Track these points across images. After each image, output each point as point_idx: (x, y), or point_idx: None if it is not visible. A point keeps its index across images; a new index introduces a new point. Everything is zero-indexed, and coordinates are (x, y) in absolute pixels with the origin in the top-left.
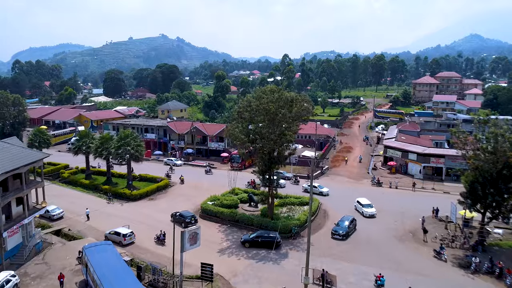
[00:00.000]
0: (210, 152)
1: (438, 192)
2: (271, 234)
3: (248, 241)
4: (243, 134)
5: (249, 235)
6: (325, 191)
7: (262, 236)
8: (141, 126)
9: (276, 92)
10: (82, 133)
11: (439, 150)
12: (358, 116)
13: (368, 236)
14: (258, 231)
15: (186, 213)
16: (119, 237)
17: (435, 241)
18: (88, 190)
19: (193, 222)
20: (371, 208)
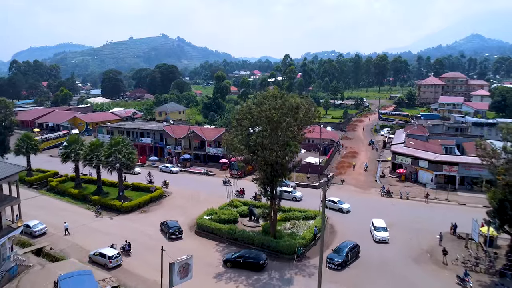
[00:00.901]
0: (208, 158)
1: (453, 204)
2: (256, 254)
3: (230, 260)
4: (242, 144)
5: (232, 254)
6: (346, 207)
7: (245, 257)
8: (136, 130)
9: (278, 98)
10: (71, 139)
11: (452, 157)
12: (362, 118)
13: (381, 256)
14: (242, 251)
15: (172, 223)
16: (104, 259)
17: (456, 264)
18: (77, 201)
19: (177, 234)
20: (383, 232)
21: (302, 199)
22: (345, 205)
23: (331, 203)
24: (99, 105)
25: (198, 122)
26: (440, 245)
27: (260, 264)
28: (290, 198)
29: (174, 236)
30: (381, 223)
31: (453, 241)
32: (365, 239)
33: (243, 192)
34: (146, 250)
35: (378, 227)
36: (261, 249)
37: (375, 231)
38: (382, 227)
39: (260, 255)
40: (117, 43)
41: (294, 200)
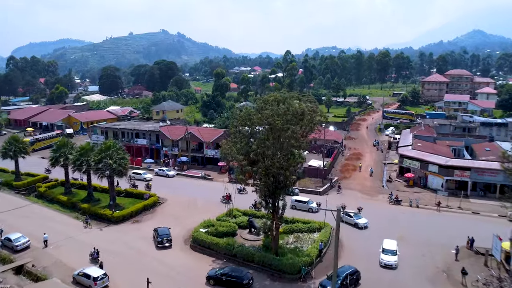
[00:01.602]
0: (206, 160)
1: (466, 212)
2: (240, 273)
3: (212, 277)
4: (241, 154)
5: (216, 270)
6: (363, 223)
7: (228, 275)
8: (132, 130)
9: (281, 102)
10: (60, 142)
11: (465, 161)
12: (365, 116)
13: (391, 278)
14: (226, 268)
15: (162, 230)
16: (88, 280)
17: (477, 285)
18: (65, 209)
19: (165, 242)
20: (391, 255)
21: (318, 211)
22: (361, 220)
23: (347, 217)
24: (96, 103)
25: (197, 121)
26: (456, 260)
27: (244, 284)
28: (305, 209)
29: (162, 245)
30: (391, 245)
31: (470, 257)
32: (374, 256)
33: (229, 198)
34: (135, 267)
35: (386, 249)
36: (262, 268)
37: (382, 253)
38: (391, 250)
39: (245, 275)
40: (117, 38)
41: (310, 212)
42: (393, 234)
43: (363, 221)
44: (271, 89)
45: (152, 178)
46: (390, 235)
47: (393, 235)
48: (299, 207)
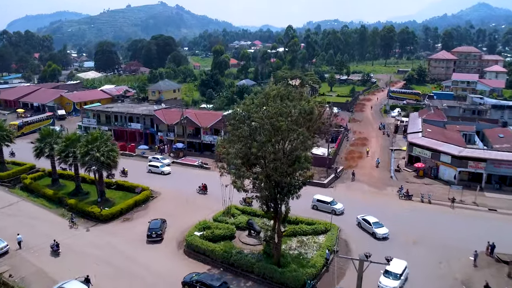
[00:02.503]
0: (203, 147)
1: (482, 209)
2: (215, 282)
3: (187, 283)
4: (239, 158)
5: (192, 275)
6: (339, 207)
7: (202, 283)
8: (124, 114)
9: (285, 98)
10: (45, 132)
11: (480, 152)
12: (370, 96)
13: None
14: (203, 274)
15: (154, 223)
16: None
17: None
18: (51, 205)
19: (154, 237)
20: (393, 280)
21: (344, 213)
22: (337, 206)
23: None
24: (90, 81)
25: (195, 100)
26: (475, 266)
27: None
28: (328, 210)
29: (151, 239)
30: (397, 267)
31: (490, 266)
32: None
33: (205, 188)
34: (122, 278)
35: (389, 272)
36: (263, 280)
37: (383, 275)
38: (394, 274)
39: (221, 284)
40: (114, 11)
41: (333, 214)
42: (407, 238)
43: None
44: (272, 65)
45: (170, 171)
46: (404, 240)
47: (407, 240)
48: (320, 208)
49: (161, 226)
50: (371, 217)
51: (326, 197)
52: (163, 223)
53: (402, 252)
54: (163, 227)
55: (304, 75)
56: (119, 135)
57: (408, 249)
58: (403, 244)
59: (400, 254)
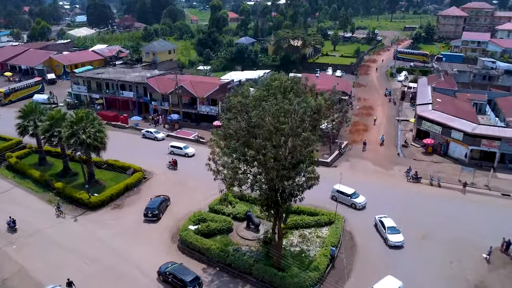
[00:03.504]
0: (200, 117)
1: (495, 194)
2: (186, 276)
3: (161, 274)
4: (235, 157)
5: (168, 265)
6: (361, 201)
7: (174, 275)
8: (116, 81)
9: (288, 91)
10: (27, 108)
11: (495, 130)
12: (375, 56)
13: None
14: (176, 266)
15: (153, 202)
16: None
17: None
18: (38, 188)
19: (150, 216)
20: None
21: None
22: (359, 199)
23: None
24: (82, 40)
25: (191, 61)
26: (488, 263)
27: None
28: (347, 204)
29: (147, 218)
30: (390, 285)
31: (506, 265)
32: (390, 259)
33: (175, 164)
34: (111, 279)
35: None
36: (262, 283)
37: None
38: None
39: (191, 281)
40: None
41: (353, 207)
42: (415, 230)
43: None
44: (273, 20)
45: (195, 153)
46: (413, 234)
47: (416, 233)
48: (340, 200)
49: (160, 205)
50: (388, 220)
51: (347, 188)
52: (163, 201)
53: (410, 249)
54: (161, 207)
55: (306, 35)
56: (111, 103)
57: (416, 244)
58: (411, 238)
59: (408, 252)
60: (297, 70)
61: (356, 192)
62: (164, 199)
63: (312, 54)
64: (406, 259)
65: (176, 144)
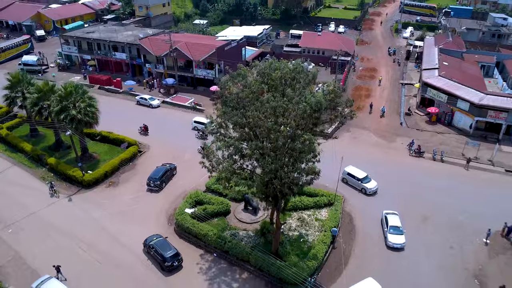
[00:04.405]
0: (197, 81)
1: (498, 171)
2: (165, 252)
3: (146, 246)
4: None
5: (152, 239)
6: (372, 187)
7: (156, 250)
8: (107, 42)
9: (289, 83)
10: (14, 78)
11: (503, 101)
12: (380, 9)
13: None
14: (159, 240)
15: (156, 172)
16: None
17: None
18: (31, 163)
19: (152, 186)
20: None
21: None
22: (370, 184)
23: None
24: None
25: (187, 14)
26: (486, 244)
27: (164, 265)
28: (358, 188)
29: (149, 187)
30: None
31: (506, 251)
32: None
33: (146, 129)
34: (106, 267)
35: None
36: (260, 272)
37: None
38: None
39: (169, 257)
40: None
41: (363, 193)
42: (416, 211)
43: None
44: None
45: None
46: (413, 216)
47: (416, 215)
48: (350, 183)
49: (163, 175)
50: (394, 217)
51: (358, 172)
52: (167, 171)
53: (410, 232)
54: (165, 177)
55: None
56: (104, 65)
57: (416, 227)
58: (412, 220)
59: (407, 236)
60: (298, 26)
61: (368, 176)
62: (169, 168)
63: (313, 7)
64: (406, 244)
65: (199, 119)
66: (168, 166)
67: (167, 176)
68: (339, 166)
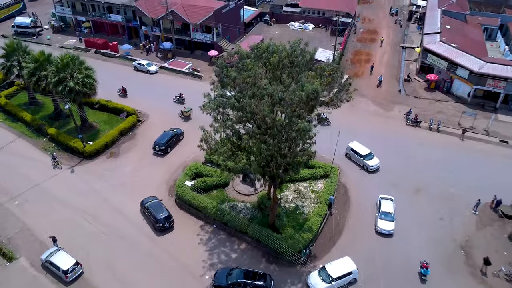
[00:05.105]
0: (194, 45)
1: (493, 141)
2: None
3: (142, 206)
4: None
5: (149, 200)
6: (373, 164)
7: (149, 211)
8: (102, 3)
9: (287, 66)
10: (10, 46)
11: (503, 69)
12: None
13: (405, 258)
14: (154, 202)
15: (161, 137)
16: (58, 271)
17: (497, 276)
18: (32, 134)
19: (157, 150)
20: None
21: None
22: (372, 161)
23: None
24: None
25: None
26: (475, 213)
27: (156, 226)
28: (360, 164)
29: (155, 151)
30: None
31: (493, 222)
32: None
33: (124, 92)
34: (111, 239)
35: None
36: (258, 243)
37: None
38: None
39: (161, 218)
40: None
41: (364, 169)
42: (409, 182)
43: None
44: None
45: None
46: (404, 186)
47: (409, 186)
48: (353, 159)
49: (168, 141)
50: (388, 203)
51: (362, 148)
52: (174, 136)
53: (403, 203)
54: (171, 142)
55: None
56: (99, 27)
57: (409, 198)
58: (405, 191)
59: (399, 207)
60: None
61: (371, 153)
62: (176, 133)
63: None
64: (397, 216)
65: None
66: (175, 131)
67: (173, 141)
68: (336, 137)
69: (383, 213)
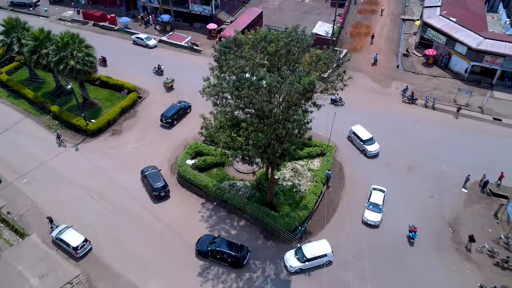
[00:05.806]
0: (193, 17)
1: (487, 119)
2: (156, 182)
3: (142, 174)
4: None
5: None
6: (372, 150)
7: (147, 179)
8: None
9: (284, 55)
10: (8, 23)
11: (500, 46)
12: None
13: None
14: (152, 172)
15: (168, 110)
16: (68, 248)
17: (481, 252)
18: (35, 111)
19: (164, 122)
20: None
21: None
22: (372, 147)
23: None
24: None
25: None
26: (464, 188)
27: (152, 194)
28: (360, 148)
29: (161, 123)
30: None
31: (480, 200)
32: None
33: (104, 61)
34: (117, 216)
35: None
36: (256, 220)
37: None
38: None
39: (158, 187)
40: None
41: (363, 154)
42: (402, 160)
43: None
44: None
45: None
46: (398, 165)
47: (402, 163)
48: (354, 142)
49: (175, 114)
50: (378, 194)
51: (363, 132)
52: (181, 109)
53: (394, 181)
54: (177, 115)
55: None
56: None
57: (401, 176)
58: (397, 169)
59: (392, 184)
60: None
61: (372, 139)
62: (183, 106)
63: None
64: (389, 193)
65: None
66: (183, 105)
67: (180, 114)
68: (332, 116)
69: (372, 204)
